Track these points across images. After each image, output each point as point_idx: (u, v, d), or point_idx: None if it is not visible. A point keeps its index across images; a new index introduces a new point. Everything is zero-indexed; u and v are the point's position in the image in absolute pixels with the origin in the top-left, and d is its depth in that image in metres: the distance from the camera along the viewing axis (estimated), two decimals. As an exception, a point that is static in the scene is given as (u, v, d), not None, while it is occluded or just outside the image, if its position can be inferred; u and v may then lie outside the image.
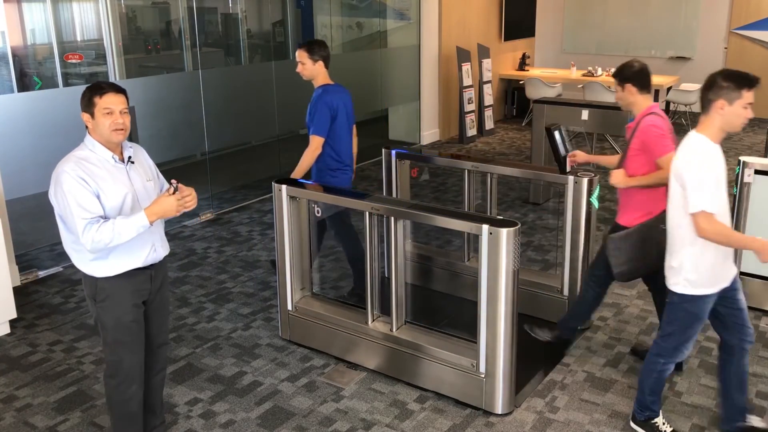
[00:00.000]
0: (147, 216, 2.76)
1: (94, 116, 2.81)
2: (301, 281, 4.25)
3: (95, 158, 2.83)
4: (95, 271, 2.88)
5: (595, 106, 6.60)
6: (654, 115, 3.61)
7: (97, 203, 2.76)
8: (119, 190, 2.84)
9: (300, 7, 9.46)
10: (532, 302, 4.56)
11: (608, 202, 6.96)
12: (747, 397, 3.29)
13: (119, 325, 2.94)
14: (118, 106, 2.81)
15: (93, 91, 2.82)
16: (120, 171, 2.88)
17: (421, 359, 3.75)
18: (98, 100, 2.79)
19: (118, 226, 2.73)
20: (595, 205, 4.30)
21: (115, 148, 2.88)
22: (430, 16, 9.38)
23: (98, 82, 2.87)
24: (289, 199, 4.04)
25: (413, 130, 9.75)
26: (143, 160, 3.04)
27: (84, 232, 2.72)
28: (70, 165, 2.77)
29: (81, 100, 2.85)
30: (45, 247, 5.88)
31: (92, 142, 2.85)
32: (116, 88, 2.85)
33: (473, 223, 3.43)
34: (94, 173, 2.78)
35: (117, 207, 2.83)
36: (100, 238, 2.71)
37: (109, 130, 2.80)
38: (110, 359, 3.01)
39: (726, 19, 11.05)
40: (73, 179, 2.74)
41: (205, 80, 6.58)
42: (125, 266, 2.89)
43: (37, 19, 6.78)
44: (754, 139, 9.70)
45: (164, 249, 3.07)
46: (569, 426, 3.49)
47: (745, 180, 4.54)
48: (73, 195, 2.73)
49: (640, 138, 3.59)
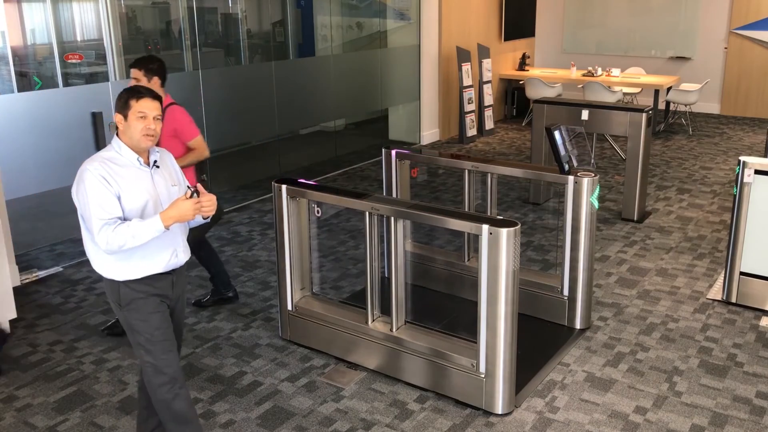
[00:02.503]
0: (162, 220, 2.74)
1: (127, 118, 2.82)
2: (301, 281, 4.25)
3: (120, 160, 2.83)
4: (116, 274, 2.85)
5: (595, 106, 6.60)
6: (176, 105, 4.28)
7: (116, 204, 2.76)
8: (141, 193, 2.83)
9: (300, 7, 9.45)
10: (532, 302, 4.56)
11: (608, 202, 6.96)
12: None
13: (149, 326, 2.91)
14: (152, 111, 2.82)
15: (130, 94, 2.83)
16: (144, 174, 2.87)
17: (421, 359, 3.75)
18: (134, 104, 2.80)
19: (134, 229, 2.71)
20: (595, 205, 4.30)
21: (142, 152, 2.88)
22: (430, 16, 9.38)
23: (136, 86, 2.88)
24: (289, 199, 4.04)
25: (413, 130, 9.75)
26: (169, 165, 3.02)
27: (99, 231, 2.70)
28: (95, 164, 2.77)
29: (117, 102, 2.85)
30: (45, 247, 5.89)
31: (119, 144, 2.85)
32: (153, 94, 2.86)
33: (473, 223, 3.43)
34: (117, 174, 2.78)
35: (138, 210, 2.81)
36: (115, 240, 2.70)
37: (140, 134, 2.80)
38: (146, 360, 2.95)
39: (726, 19, 11.05)
40: (95, 178, 2.73)
41: (205, 80, 6.58)
42: (146, 270, 2.87)
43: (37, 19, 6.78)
44: (754, 139, 9.70)
45: (186, 254, 3.03)
46: (569, 426, 3.49)
47: (745, 180, 4.55)
48: (93, 194, 2.73)
49: (172, 125, 4.15)
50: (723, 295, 4.79)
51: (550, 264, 5.47)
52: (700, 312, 4.66)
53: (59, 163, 5.43)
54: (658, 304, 4.77)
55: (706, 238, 5.98)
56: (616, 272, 5.30)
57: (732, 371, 3.94)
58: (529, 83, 10.49)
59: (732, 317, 4.57)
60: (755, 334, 4.35)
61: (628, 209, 6.42)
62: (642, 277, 5.20)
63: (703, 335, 4.34)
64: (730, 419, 3.52)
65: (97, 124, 5.58)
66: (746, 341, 4.26)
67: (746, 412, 3.57)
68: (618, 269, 5.35)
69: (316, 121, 8.87)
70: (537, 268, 5.35)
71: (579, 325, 4.44)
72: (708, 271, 5.31)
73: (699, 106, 10.93)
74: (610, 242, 5.89)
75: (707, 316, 4.59)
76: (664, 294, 4.93)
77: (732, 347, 4.20)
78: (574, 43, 12.31)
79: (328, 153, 8.94)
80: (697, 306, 4.74)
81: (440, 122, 9.93)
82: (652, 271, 5.32)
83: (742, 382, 3.84)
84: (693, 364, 4.03)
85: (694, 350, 4.17)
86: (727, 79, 11.17)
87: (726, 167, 8.21)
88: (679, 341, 4.28)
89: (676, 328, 4.44)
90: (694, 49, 11.35)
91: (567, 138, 4.39)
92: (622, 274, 5.27)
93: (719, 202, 6.93)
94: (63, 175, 5.49)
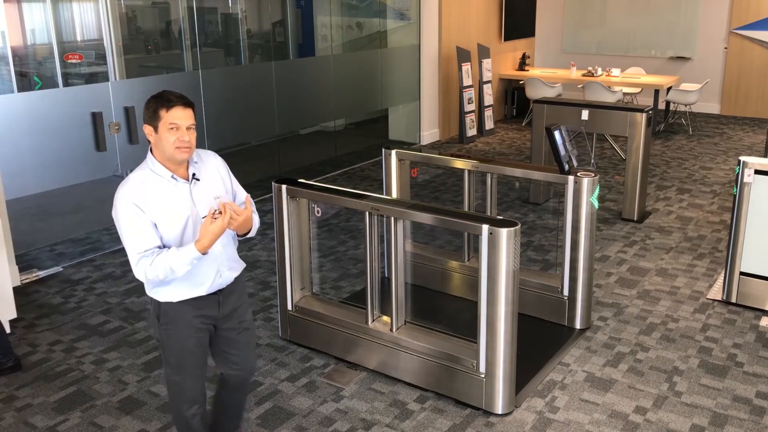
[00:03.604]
0: (197, 248, 2.52)
1: (158, 130, 2.56)
2: (301, 281, 4.25)
3: (154, 180, 2.59)
4: (157, 295, 2.71)
5: (595, 106, 6.60)
6: None
7: (152, 235, 2.56)
8: (180, 214, 2.61)
9: (300, 7, 9.45)
10: (532, 302, 4.56)
11: (608, 202, 6.96)
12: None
13: (182, 350, 2.76)
14: (185, 121, 2.56)
15: (159, 103, 2.56)
16: (182, 191, 2.63)
17: (421, 359, 3.75)
18: (164, 114, 2.54)
19: (171, 261, 2.52)
20: (595, 205, 4.30)
21: (177, 166, 2.63)
22: (430, 16, 9.38)
23: (166, 93, 2.58)
24: (289, 199, 4.04)
25: (413, 130, 9.75)
26: (215, 173, 2.77)
27: (137, 264, 2.54)
28: (126, 190, 2.56)
29: (144, 111, 2.59)
30: (45, 247, 5.88)
31: (152, 161, 2.62)
32: (185, 101, 2.59)
33: (473, 223, 3.43)
34: (151, 198, 2.56)
35: (177, 233, 2.62)
36: (154, 274, 2.53)
37: (172, 148, 2.55)
38: (172, 379, 2.84)
39: (726, 19, 11.04)
40: (128, 207, 2.53)
41: (205, 80, 6.58)
42: (187, 294, 2.69)
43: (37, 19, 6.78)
44: (754, 139, 9.70)
45: (233, 270, 2.81)
46: (569, 426, 3.49)
47: (745, 180, 4.55)
48: (126, 224, 2.54)
49: None
50: (723, 295, 4.79)
51: (550, 264, 5.47)
52: (700, 312, 4.66)
53: (59, 163, 5.43)
54: (658, 304, 4.77)
55: (706, 238, 5.98)
56: (616, 272, 5.30)
57: (732, 371, 3.94)
58: (529, 83, 10.49)
59: (732, 317, 4.57)
60: (755, 334, 4.35)
61: (628, 209, 6.42)
62: (642, 277, 5.20)
63: (703, 335, 4.34)
64: (730, 419, 3.52)
65: (97, 124, 5.58)
66: (746, 341, 4.26)
67: (746, 412, 3.57)
68: (618, 269, 5.35)
69: (316, 121, 8.87)
70: (537, 268, 5.35)
71: (579, 325, 4.44)
72: (708, 271, 5.31)
73: (699, 106, 10.93)
74: (610, 242, 5.89)
75: (707, 316, 4.59)
76: (664, 294, 4.93)
77: (732, 347, 4.20)
78: (574, 43, 12.31)
79: (328, 153, 8.94)
80: (697, 306, 4.74)
81: (440, 122, 9.93)
82: (652, 271, 5.32)
83: (742, 382, 3.84)
84: (693, 364, 4.03)
85: (694, 350, 4.17)
86: (727, 79, 11.17)
87: (726, 167, 8.21)
88: (679, 341, 4.28)
89: (676, 328, 4.44)
90: (694, 49, 11.35)
91: (567, 138, 4.39)
92: (622, 274, 5.27)
93: (719, 202, 6.93)
94: (63, 175, 5.49)
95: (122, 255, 5.73)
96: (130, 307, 4.82)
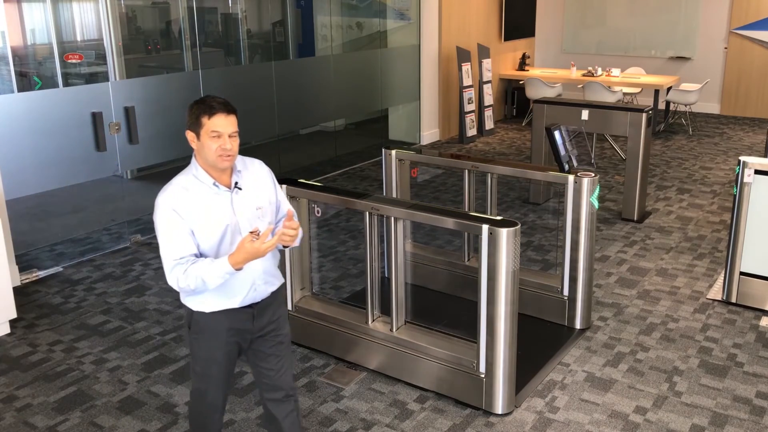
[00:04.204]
0: (231, 263, 2.45)
1: (200, 137, 2.52)
2: (301, 281, 4.25)
3: (197, 186, 2.55)
4: (190, 304, 2.67)
5: (595, 106, 6.60)
6: None
7: (189, 242, 2.52)
8: (218, 222, 2.56)
9: (300, 7, 9.45)
10: (532, 302, 4.56)
11: (608, 202, 6.96)
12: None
13: (209, 360, 2.72)
14: (227, 128, 2.51)
15: (201, 110, 2.51)
16: (223, 199, 2.58)
17: (421, 359, 3.75)
18: (206, 121, 2.50)
19: (203, 273, 2.46)
20: (595, 205, 4.30)
21: (220, 174, 2.58)
22: (430, 16, 9.38)
23: (209, 99, 2.53)
24: (290, 199, 4.04)
25: (413, 130, 9.75)
26: (258, 183, 2.71)
27: (171, 271, 2.50)
28: (167, 195, 2.53)
29: (188, 116, 2.55)
30: (45, 247, 5.88)
31: (196, 166, 2.58)
32: (227, 107, 2.54)
33: (473, 223, 3.43)
34: (192, 204, 2.52)
35: (215, 242, 2.57)
36: (186, 283, 2.48)
37: (214, 155, 2.51)
38: (196, 387, 2.82)
39: (726, 19, 11.04)
40: (167, 212, 2.50)
41: (205, 80, 6.58)
42: (219, 306, 2.63)
43: (37, 19, 6.78)
44: (754, 139, 9.70)
45: (270, 285, 2.72)
46: (569, 426, 3.49)
47: (745, 180, 4.55)
48: (164, 229, 2.51)
49: None
50: (723, 295, 4.79)
51: (550, 264, 5.47)
52: (700, 312, 4.66)
53: (59, 163, 5.43)
54: (658, 304, 4.77)
55: (706, 238, 5.98)
56: (616, 272, 5.30)
57: (732, 371, 3.94)
58: (529, 83, 10.49)
59: (732, 317, 4.57)
60: (755, 334, 4.35)
61: (628, 209, 6.42)
62: (642, 277, 5.20)
63: (703, 335, 4.34)
64: (730, 419, 3.52)
65: (97, 124, 5.58)
66: (746, 341, 4.26)
67: (746, 412, 3.58)
68: (618, 269, 5.35)
69: (316, 121, 8.87)
70: (537, 268, 5.35)
71: (579, 325, 4.44)
72: (708, 271, 5.31)
73: (699, 106, 10.93)
74: (610, 242, 5.89)
75: (707, 316, 4.59)
76: (664, 294, 4.93)
77: (732, 347, 4.20)
78: (574, 43, 12.30)
79: (328, 153, 8.94)
80: (697, 306, 4.74)
81: (440, 122, 9.93)
82: (652, 271, 5.32)
83: (742, 382, 3.84)
84: (693, 364, 4.03)
85: (694, 350, 4.17)
86: (727, 79, 11.17)
87: (726, 167, 8.21)
88: (679, 341, 4.28)
89: (676, 328, 4.44)
90: (694, 49, 11.35)
91: (567, 138, 4.39)
92: (622, 274, 5.27)
93: (719, 202, 6.93)
94: (63, 175, 5.49)
95: (122, 255, 5.73)
96: (130, 307, 4.82)
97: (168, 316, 4.68)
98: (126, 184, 6.87)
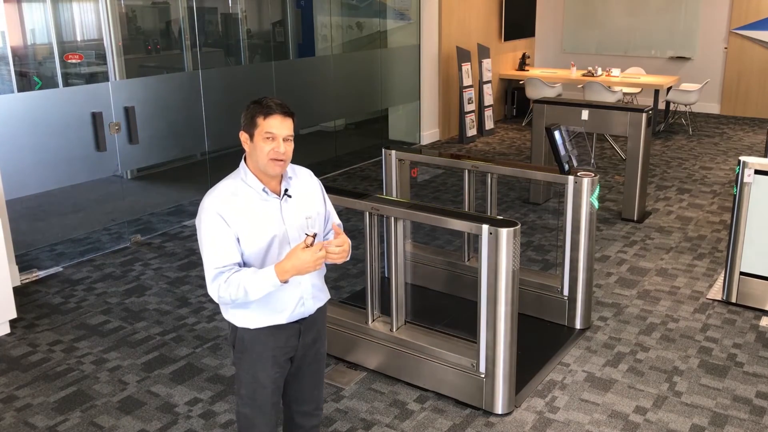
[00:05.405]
0: (278, 273, 2.31)
1: (253, 138, 2.40)
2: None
3: (245, 191, 2.43)
4: (234, 319, 2.52)
5: (595, 106, 6.60)
6: None
7: (233, 250, 2.38)
8: (266, 230, 2.42)
9: (300, 7, 9.45)
10: (532, 302, 4.56)
11: (608, 202, 6.96)
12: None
13: (255, 383, 2.55)
14: (282, 131, 2.38)
15: (258, 110, 2.40)
16: (272, 206, 2.45)
17: (421, 359, 3.75)
18: (261, 122, 2.38)
19: (247, 283, 2.32)
20: (595, 205, 4.30)
21: (270, 179, 2.46)
22: (430, 16, 9.38)
23: (266, 100, 2.41)
24: (289, 199, 4.04)
25: (413, 130, 9.75)
26: (308, 192, 2.59)
27: (213, 280, 2.37)
28: (213, 197, 2.41)
29: (243, 117, 2.45)
30: (45, 247, 5.88)
31: (245, 170, 2.46)
32: (285, 109, 2.41)
33: (473, 223, 3.43)
34: (239, 210, 2.40)
35: (261, 251, 2.43)
36: (227, 293, 2.34)
37: (266, 159, 2.39)
38: (242, 412, 2.61)
39: (726, 19, 11.04)
40: (212, 217, 2.37)
41: (205, 80, 6.58)
42: (265, 321, 2.48)
43: (37, 19, 6.78)
44: (754, 139, 9.70)
45: (317, 300, 2.60)
46: (569, 426, 3.49)
47: (745, 180, 4.55)
48: (208, 236, 2.38)
49: None
50: (723, 295, 4.80)
51: (550, 264, 5.47)
52: (700, 312, 4.66)
53: (59, 163, 5.43)
54: (658, 304, 4.77)
55: (706, 238, 5.98)
56: (616, 272, 5.30)
57: (732, 371, 3.94)
58: (529, 83, 10.49)
59: (732, 317, 4.57)
60: (755, 334, 4.35)
61: (628, 209, 6.43)
62: (642, 277, 5.20)
63: (703, 335, 4.34)
64: (730, 419, 3.52)
65: (97, 124, 5.59)
66: (746, 341, 4.27)
67: (746, 412, 3.58)
68: (618, 269, 5.35)
69: (316, 121, 8.87)
70: (537, 268, 5.35)
71: (579, 325, 4.44)
72: (708, 271, 5.31)
73: (699, 106, 10.93)
74: (610, 242, 5.89)
75: (707, 316, 4.59)
76: (664, 294, 4.93)
77: (732, 347, 4.20)
78: (574, 43, 12.30)
79: (328, 153, 8.94)
80: (697, 306, 4.74)
81: (440, 122, 9.93)
82: (652, 271, 5.32)
83: (742, 382, 3.84)
84: (693, 364, 4.03)
85: (694, 350, 4.17)
86: (727, 79, 11.17)
87: (726, 167, 8.21)
88: (679, 341, 4.28)
89: (676, 328, 4.44)
90: (694, 49, 11.35)
91: (567, 138, 4.39)
92: (622, 274, 5.27)
93: (719, 202, 6.93)
94: (63, 175, 5.49)
95: (122, 255, 5.73)
96: (130, 307, 4.82)
97: (168, 316, 4.68)
98: (126, 184, 6.87)
